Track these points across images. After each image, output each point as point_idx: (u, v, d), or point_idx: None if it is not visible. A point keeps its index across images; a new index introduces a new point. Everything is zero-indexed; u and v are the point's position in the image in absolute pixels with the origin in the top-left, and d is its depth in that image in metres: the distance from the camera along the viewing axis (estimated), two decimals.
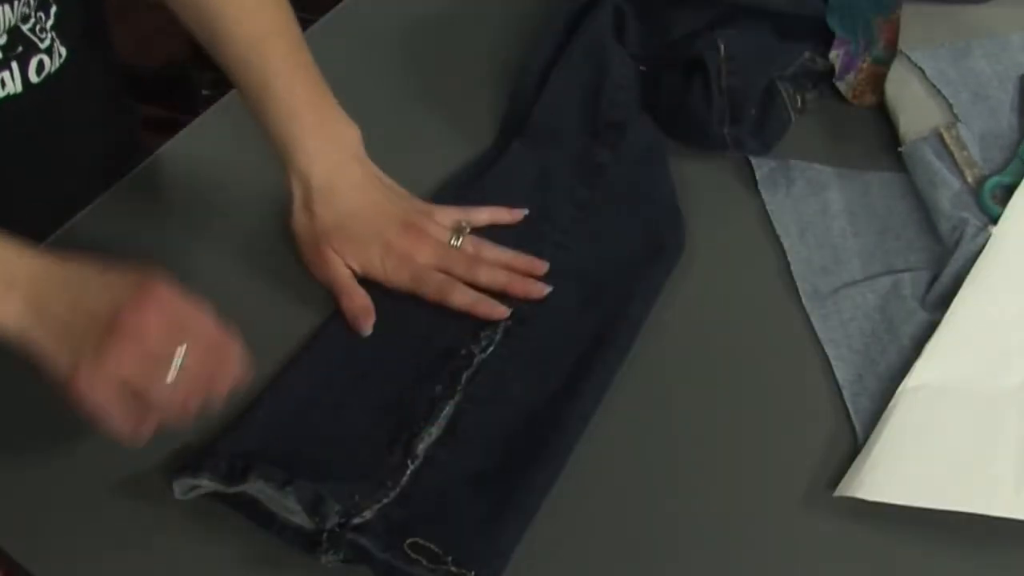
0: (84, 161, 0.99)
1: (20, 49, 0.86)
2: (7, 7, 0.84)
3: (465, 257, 0.89)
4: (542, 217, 0.95)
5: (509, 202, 0.95)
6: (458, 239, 0.90)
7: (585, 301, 0.89)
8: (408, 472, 0.78)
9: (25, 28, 0.86)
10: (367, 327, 0.86)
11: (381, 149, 0.93)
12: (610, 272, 0.91)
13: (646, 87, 1.06)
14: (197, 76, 1.85)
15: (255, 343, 0.87)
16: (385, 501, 0.76)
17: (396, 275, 0.88)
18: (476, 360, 0.85)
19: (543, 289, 0.89)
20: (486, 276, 0.88)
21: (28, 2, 0.85)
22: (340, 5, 1.17)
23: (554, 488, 0.78)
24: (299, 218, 0.89)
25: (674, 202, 0.96)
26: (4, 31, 0.84)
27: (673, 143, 1.03)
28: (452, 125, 1.04)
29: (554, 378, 0.84)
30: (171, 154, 1.02)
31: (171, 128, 1.05)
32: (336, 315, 0.88)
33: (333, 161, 0.89)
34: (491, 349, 0.86)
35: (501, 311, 0.87)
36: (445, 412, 0.82)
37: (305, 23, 0.96)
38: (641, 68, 1.06)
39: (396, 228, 0.89)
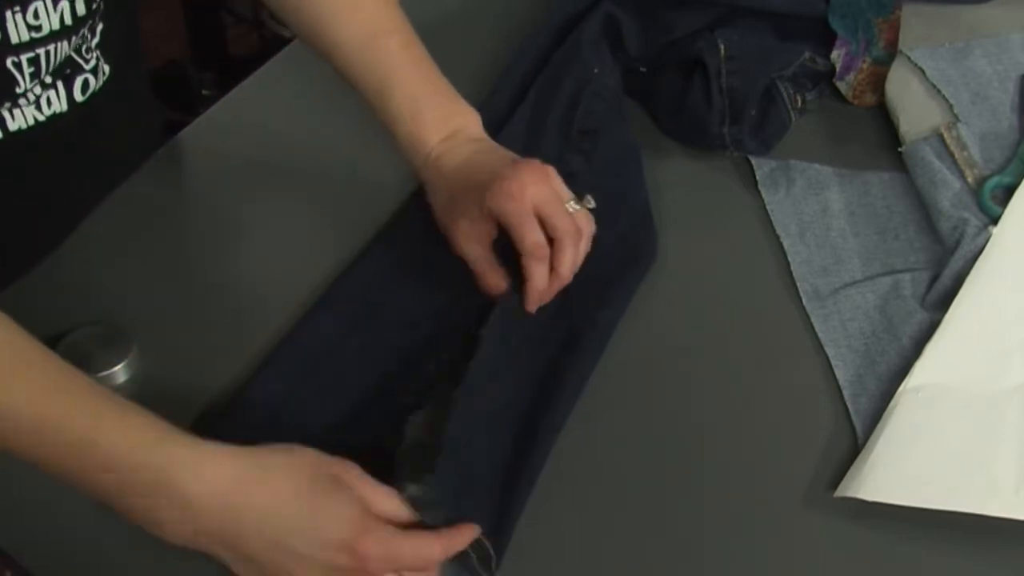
0: (119, 164, 1.00)
1: (68, 71, 0.87)
2: (65, 43, 0.84)
3: (574, 227, 0.82)
4: None
5: None
6: (577, 205, 0.84)
7: (557, 309, 0.89)
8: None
9: (72, 51, 0.86)
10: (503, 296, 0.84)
11: (378, 148, 0.93)
12: (582, 281, 0.90)
13: (646, 87, 1.06)
14: (197, 76, 1.85)
15: (250, 340, 0.87)
16: None
17: (503, 203, 0.80)
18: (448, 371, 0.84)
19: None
20: (569, 262, 0.82)
21: (84, 34, 0.86)
22: None
23: (548, 489, 0.78)
24: (439, 201, 0.87)
25: (647, 211, 0.96)
26: (58, 63, 0.85)
27: (673, 143, 1.04)
28: None
29: (524, 387, 0.83)
30: (171, 154, 1.02)
31: (171, 128, 1.05)
32: (312, 312, 0.88)
33: (461, 148, 0.87)
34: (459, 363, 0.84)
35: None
36: (416, 423, 0.81)
37: None
38: (641, 68, 1.06)
39: (508, 165, 0.83)
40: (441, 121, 0.87)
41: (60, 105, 0.88)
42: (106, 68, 0.91)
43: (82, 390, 0.68)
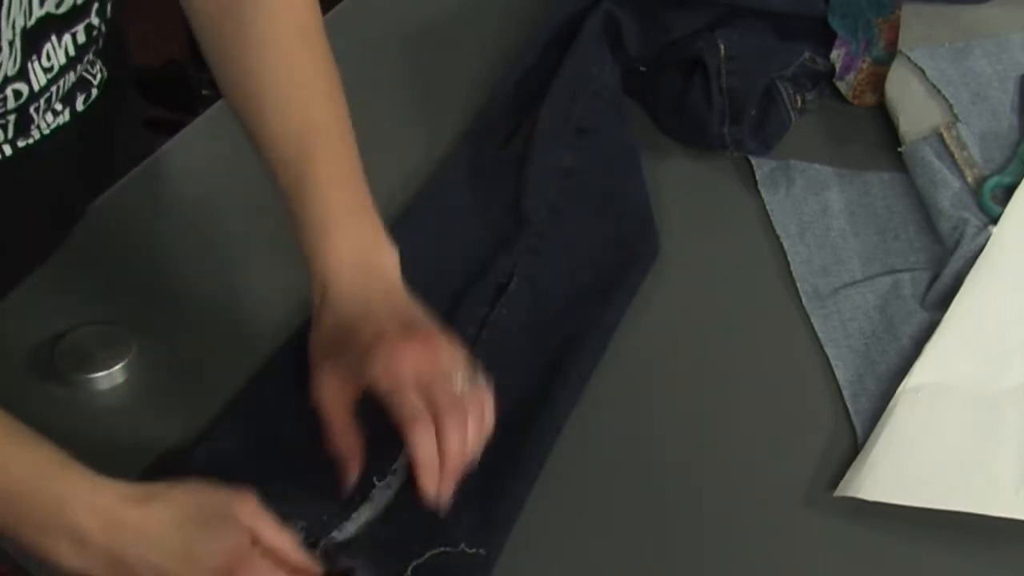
0: (108, 159, 1.00)
1: (75, 91, 0.87)
2: (71, 73, 0.83)
3: (455, 403, 0.71)
4: (517, 219, 0.95)
5: (486, 202, 0.96)
6: (464, 383, 0.72)
7: (559, 310, 0.89)
8: (377, 488, 0.77)
9: (79, 74, 0.86)
10: (349, 476, 0.74)
11: (378, 148, 0.93)
12: (583, 281, 0.91)
13: (646, 87, 1.06)
14: (197, 76, 1.85)
15: (250, 340, 0.87)
16: (356, 518, 0.75)
17: (379, 368, 0.71)
18: None
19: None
20: (455, 441, 0.71)
21: (90, 60, 0.85)
22: (340, 5, 1.17)
23: (547, 489, 0.78)
24: (319, 336, 0.77)
25: (648, 212, 0.96)
26: (67, 90, 0.85)
27: (673, 143, 1.04)
28: (451, 125, 1.04)
29: (527, 387, 0.83)
30: (171, 154, 1.02)
31: (171, 128, 1.05)
32: (303, 328, 0.86)
33: (358, 281, 0.77)
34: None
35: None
36: None
37: None
38: (641, 68, 1.06)
39: (396, 325, 0.73)
40: (357, 253, 0.77)
41: (64, 118, 0.87)
42: (104, 72, 0.91)
43: None
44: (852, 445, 0.81)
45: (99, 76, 0.89)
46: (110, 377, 0.84)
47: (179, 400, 0.84)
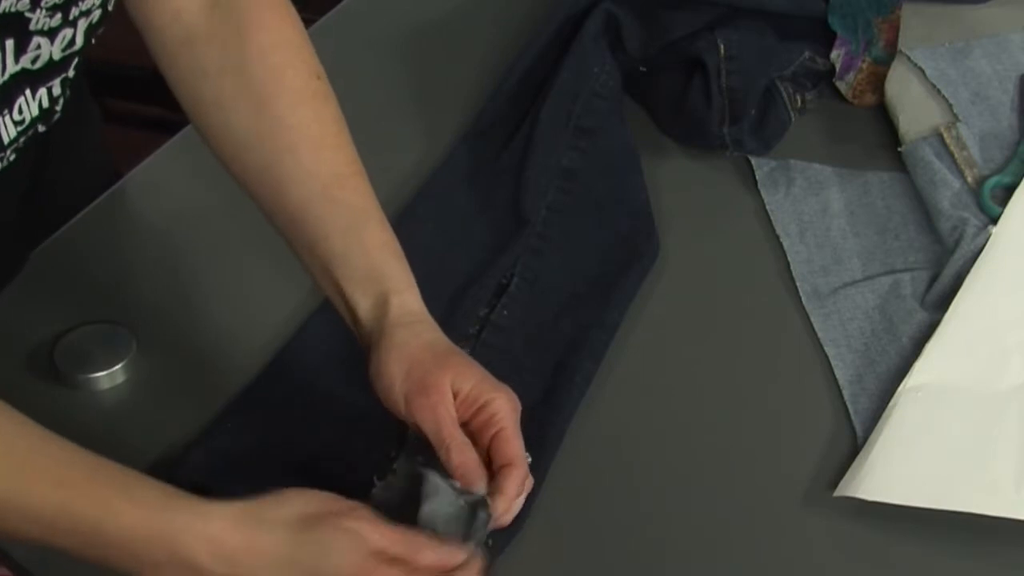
0: (70, 166, 0.98)
1: (40, 124, 0.82)
2: (41, 125, 0.80)
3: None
4: (517, 219, 0.95)
5: (486, 202, 0.96)
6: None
7: (560, 310, 0.89)
8: (377, 488, 0.76)
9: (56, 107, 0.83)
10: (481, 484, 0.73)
11: (378, 148, 0.93)
12: (584, 282, 0.91)
13: (646, 87, 1.06)
14: None
15: (250, 340, 0.87)
16: None
17: (494, 405, 0.73)
18: None
19: None
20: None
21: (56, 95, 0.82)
22: (340, 5, 1.17)
23: (549, 488, 0.78)
24: (398, 369, 0.75)
25: (648, 211, 0.96)
26: (32, 134, 0.81)
27: (673, 143, 1.04)
28: (451, 125, 1.04)
29: (528, 387, 0.82)
30: (172, 152, 1.02)
31: (171, 128, 1.05)
32: (304, 329, 0.87)
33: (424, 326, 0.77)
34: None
35: None
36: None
37: (305, 23, 0.96)
38: (641, 68, 1.06)
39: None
40: (408, 274, 0.79)
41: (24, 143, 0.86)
42: (67, 93, 0.88)
43: (87, 475, 0.67)
44: (852, 445, 0.81)
45: (62, 100, 0.86)
46: (110, 377, 0.84)
47: (179, 400, 0.84)
